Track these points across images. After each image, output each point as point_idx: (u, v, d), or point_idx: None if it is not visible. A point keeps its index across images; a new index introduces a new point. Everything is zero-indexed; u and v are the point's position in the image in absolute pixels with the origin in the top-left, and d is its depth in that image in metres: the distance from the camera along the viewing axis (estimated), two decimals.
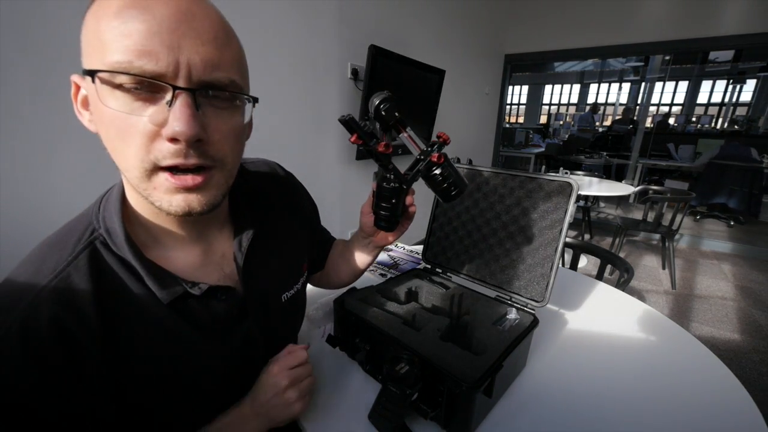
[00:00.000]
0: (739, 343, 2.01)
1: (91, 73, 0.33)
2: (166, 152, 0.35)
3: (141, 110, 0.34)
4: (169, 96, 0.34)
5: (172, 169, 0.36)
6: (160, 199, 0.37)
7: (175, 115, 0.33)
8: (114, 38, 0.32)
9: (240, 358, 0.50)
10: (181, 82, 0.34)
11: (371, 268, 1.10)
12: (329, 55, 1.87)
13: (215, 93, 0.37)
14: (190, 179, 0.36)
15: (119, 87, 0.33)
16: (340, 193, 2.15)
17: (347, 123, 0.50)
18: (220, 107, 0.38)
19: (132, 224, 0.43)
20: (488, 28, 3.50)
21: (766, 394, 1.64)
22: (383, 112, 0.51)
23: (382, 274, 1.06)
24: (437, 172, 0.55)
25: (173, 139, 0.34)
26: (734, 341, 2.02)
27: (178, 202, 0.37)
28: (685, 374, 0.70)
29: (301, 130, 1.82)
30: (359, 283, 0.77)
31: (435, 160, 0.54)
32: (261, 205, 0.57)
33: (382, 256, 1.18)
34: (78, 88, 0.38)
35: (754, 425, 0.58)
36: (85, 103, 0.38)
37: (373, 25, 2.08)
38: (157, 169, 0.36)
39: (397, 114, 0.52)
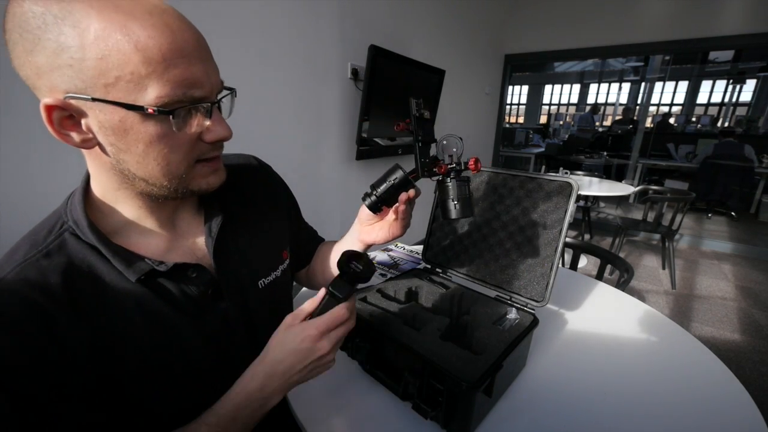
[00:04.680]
0: (739, 343, 2.01)
1: (140, 108, 0.36)
2: (207, 149, 0.44)
3: (184, 125, 0.40)
4: (205, 108, 0.41)
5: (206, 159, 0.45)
6: (199, 184, 0.45)
7: (218, 123, 0.43)
8: (161, 73, 0.36)
9: (220, 339, 0.51)
10: (213, 97, 0.42)
11: None
12: (329, 55, 1.87)
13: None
14: (219, 162, 0.47)
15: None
16: (340, 193, 2.15)
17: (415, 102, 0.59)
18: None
19: (96, 215, 0.45)
20: (488, 28, 3.50)
21: (766, 394, 1.64)
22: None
23: (382, 274, 1.06)
24: (440, 179, 0.58)
25: (216, 141, 0.43)
26: (734, 341, 2.02)
27: (214, 179, 0.47)
28: (685, 374, 0.70)
29: (301, 130, 1.82)
30: None
31: (441, 171, 0.58)
32: (233, 194, 0.58)
33: (382, 256, 1.18)
34: (50, 110, 0.36)
35: (754, 425, 0.58)
36: (66, 123, 0.37)
37: (373, 25, 2.08)
38: (195, 162, 0.44)
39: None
